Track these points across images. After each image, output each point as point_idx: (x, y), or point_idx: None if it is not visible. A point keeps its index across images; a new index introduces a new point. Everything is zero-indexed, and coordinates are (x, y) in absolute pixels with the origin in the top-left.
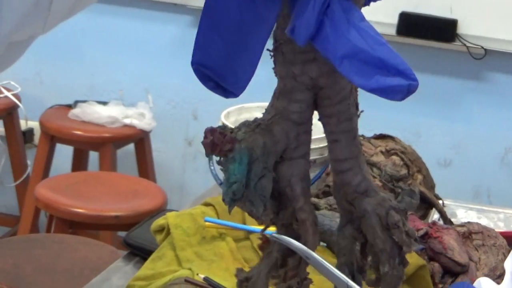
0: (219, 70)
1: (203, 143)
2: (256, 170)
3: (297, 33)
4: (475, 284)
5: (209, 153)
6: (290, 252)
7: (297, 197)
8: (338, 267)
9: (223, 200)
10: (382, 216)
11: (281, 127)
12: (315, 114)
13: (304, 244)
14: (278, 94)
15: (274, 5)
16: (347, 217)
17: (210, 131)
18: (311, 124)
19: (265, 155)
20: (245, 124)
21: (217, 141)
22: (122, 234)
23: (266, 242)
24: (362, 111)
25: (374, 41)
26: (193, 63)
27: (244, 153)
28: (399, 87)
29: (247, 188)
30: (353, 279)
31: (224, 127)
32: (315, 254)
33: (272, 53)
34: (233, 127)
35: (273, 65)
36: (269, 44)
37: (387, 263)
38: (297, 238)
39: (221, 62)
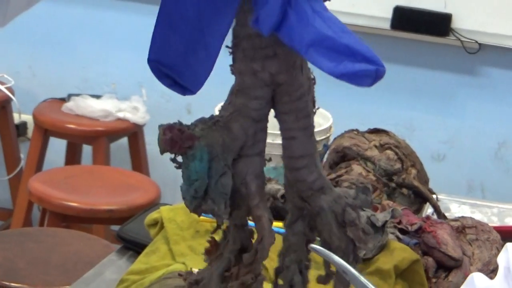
0: (176, 67)
1: (160, 140)
2: (217, 168)
3: (261, 22)
4: (468, 279)
5: (167, 150)
6: (243, 252)
7: (253, 194)
8: (288, 263)
9: (184, 198)
10: (338, 213)
11: (240, 124)
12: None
13: (260, 241)
14: (237, 91)
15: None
16: (297, 214)
17: (168, 128)
18: (267, 121)
19: (225, 152)
20: (202, 120)
21: (176, 138)
22: (115, 228)
23: (214, 246)
24: (318, 108)
25: (339, 29)
26: (149, 60)
27: (204, 150)
28: (367, 71)
29: (208, 186)
30: (301, 276)
31: (180, 123)
32: (352, 269)
33: (231, 50)
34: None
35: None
36: (228, 41)
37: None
38: (248, 237)
39: (179, 59)
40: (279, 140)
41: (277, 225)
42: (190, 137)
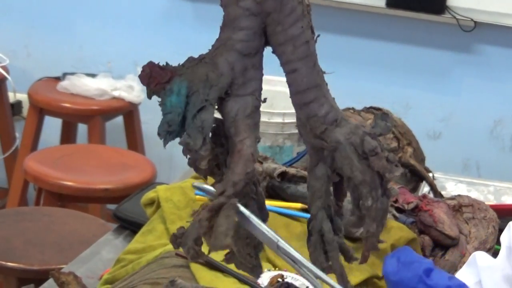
0: None
1: (139, 76)
2: (195, 102)
3: None
4: (470, 258)
5: (144, 85)
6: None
7: (239, 132)
8: (315, 211)
9: (158, 134)
10: (357, 144)
11: (225, 59)
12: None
13: (232, 168)
14: (223, 26)
15: None
16: (317, 156)
17: (148, 65)
18: (260, 58)
19: (207, 87)
20: (189, 59)
21: (155, 74)
22: (111, 207)
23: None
24: (318, 35)
25: None
26: None
27: (182, 85)
28: None
29: (185, 120)
30: (332, 223)
31: (166, 64)
32: (252, 216)
33: None
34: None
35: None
36: None
37: (370, 196)
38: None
39: None
40: (275, 119)
41: (274, 204)
42: (170, 73)
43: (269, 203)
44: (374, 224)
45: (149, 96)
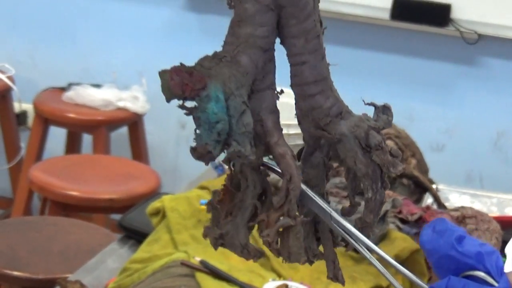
0: None
1: (167, 85)
2: (235, 106)
3: None
4: None
5: (178, 94)
6: (262, 196)
7: (270, 131)
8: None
9: (204, 144)
10: (361, 138)
11: (249, 56)
12: None
13: (290, 179)
14: (239, 21)
15: None
16: (314, 145)
17: (175, 71)
18: (274, 50)
19: (239, 88)
20: (206, 58)
21: (186, 81)
22: (115, 217)
23: (227, 195)
24: (325, 28)
25: None
26: None
27: (218, 89)
28: None
29: (229, 127)
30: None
31: (182, 65)
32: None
33: None
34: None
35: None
36: None
37: (370, 188)
38: (265, 179)
39: None
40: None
41: None
42: (201, 78)
43: None
44: (371, 215)
45: (168, 100)
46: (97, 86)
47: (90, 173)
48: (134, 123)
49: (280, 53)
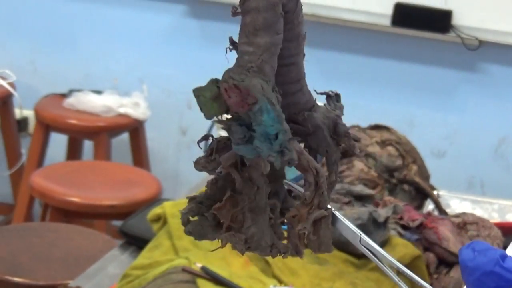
0: None
1: (223, 102)
2: (279, 115)
3: None
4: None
5: (235, 111)
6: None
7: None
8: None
9: (268, 157)
10: (330, 127)
11: (270, 65)
12: None
13: (317, 174)
14: (256, 30)
15: None
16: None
17: (229, 89)
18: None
19: (271, 97)
20: (233, 71)
21: (239, 97)
22: (116, 223)
23: (228, 201)
24: (305, 32)
25: None
26: None
27: (264, 101)
28: None
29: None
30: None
31: (216, 80)
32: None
33: None
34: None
35: None
36: None
37: (334, 171)
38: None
39: None
40: None
41: None
42: (248, 92)
43: None
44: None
45: (210, 118)
46: (98, 92)
47: (91, 179)
48: (135, 129)
49: None
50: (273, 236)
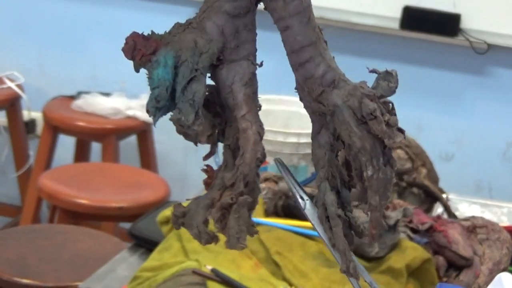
0: None
1: (122, 49)
2: (184, 72)
3: None
4: (495, 279)
5: (129, 59)
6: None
7: (239, 104)
8: (318, 181)
9: (147, 111)
10: (355, 108)
11: (214, 22)
12: None
13: (242, 155)
14: None
15: None
16: (320, 122)
17: (131, 36)
18: (253, 18)
19: (196, 55)
20: (176, 26)
21: (140, 46)
22: (124, 225)
23: (211, 177)
24: None
25: None
26: None
27: (169, 54)
28: None
29: (175, 94)
30: (338, 195)
31: (152, 33)
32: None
33: None
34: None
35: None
36: None
37: (370, 164)
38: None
39: None
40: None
41: (290, 223)
42: (155, 43)
43: (285, 222)
44: (377, 196)
45: (137, 70)
46: (106, 94)
47: (99, 181)
48: (143, 131)
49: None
50: (204, 218)
